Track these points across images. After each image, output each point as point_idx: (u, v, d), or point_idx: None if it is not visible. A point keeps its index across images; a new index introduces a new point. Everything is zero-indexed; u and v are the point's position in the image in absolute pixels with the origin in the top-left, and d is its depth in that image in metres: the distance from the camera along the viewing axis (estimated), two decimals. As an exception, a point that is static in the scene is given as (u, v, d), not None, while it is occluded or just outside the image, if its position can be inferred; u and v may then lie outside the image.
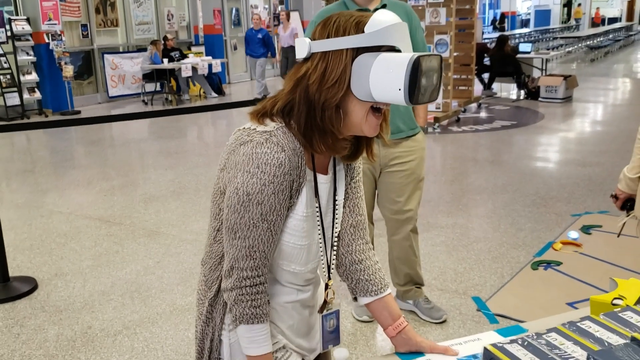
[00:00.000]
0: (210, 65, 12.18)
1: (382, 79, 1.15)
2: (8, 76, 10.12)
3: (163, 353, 2.90)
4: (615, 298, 1.37)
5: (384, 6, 2.72)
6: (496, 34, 19.01)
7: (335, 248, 1.45)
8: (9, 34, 10.19)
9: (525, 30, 26.51)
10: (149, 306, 3.38)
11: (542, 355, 1.09)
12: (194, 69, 11.77)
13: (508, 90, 11.97)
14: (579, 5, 34.40)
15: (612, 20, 33.65)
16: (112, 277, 3.78)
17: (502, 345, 1.13)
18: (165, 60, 11.68)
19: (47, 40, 10.58)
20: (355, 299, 1.51)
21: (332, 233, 1.42)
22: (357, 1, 2.73)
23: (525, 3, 35.16)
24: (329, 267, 1.44)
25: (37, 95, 10.58)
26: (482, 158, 6.79)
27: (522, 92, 11.16)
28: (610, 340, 1.13)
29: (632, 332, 1.10)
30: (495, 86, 11.85)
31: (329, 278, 1.45)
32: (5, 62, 10.10)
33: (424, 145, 2.95)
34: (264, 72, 12.05)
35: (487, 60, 11.57)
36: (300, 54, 1.24)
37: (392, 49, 1.19)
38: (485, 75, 11.66)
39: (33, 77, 10.53)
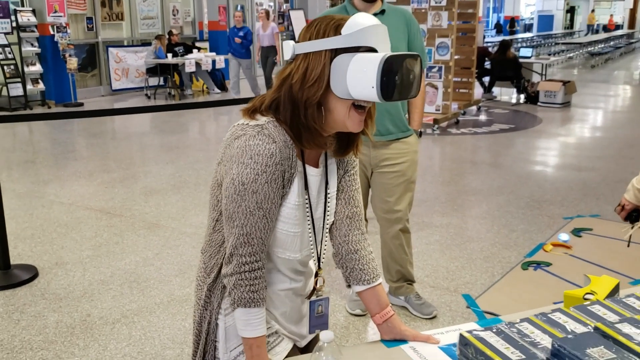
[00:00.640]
0: (213, 61, 12.23)
1: (358, 78, 1.23)
2: (12, 67, 10.18)
3: (160, 341, 2.98)
4: (587, 293, 1.46)
5: (382, 11, 2.80)
6: (499, 38, 19.08)
7: (326, 239, 1.54)
8: (14, 24, 10.26)
9: (528, 34, 26.55)
10: (147, 296, 3.46)
11: (512, 342, 1.17)
12: (198, 64, 11.84)
13: (508, 94, 12.04)
14: (593, 11, 34.52)
15: (615, 27, 33.76)
16: (111, 267, 3.86)
17: (477, 333, 1.22)
18: (169, 55, 11.75)
19: (52, 32, 10.64)
20: (348, 286, 1.59)
21: (323, 224, 1.50)
22: (357, 6, 2.80)
23: (529, 8, 35.21)
24: (319, 257, 1.52)
25: (41, 86, 10.65)
26: (479, 160, 6.87)
27: (522, 96, 11.24)
28: (577, 330, 1.21)
29: (596, 322, 1.18)
30: (495, 90, 11.92)
31: (319, 267, 1.53)
32: (9, 53, 10.17)
33: (416, 148, 3.02)
34: (252, 71, 11.78)
35: (487, 64, 11.64)
36: (286, 56, 1.34)
37: (371, 50, 1.26)
38: (486, 79, 11.74)
39: (37, 68, 10.60)
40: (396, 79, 1.22)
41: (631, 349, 1.07)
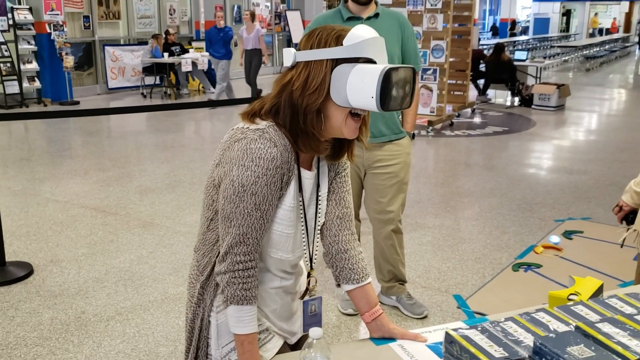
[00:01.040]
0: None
1: (358, 87, 1.28)
2: (8, 64, 10.19)
3: (154, 339, 3.01)
4: (571, 294, 1.50)
5: (376, 15, 2.83)
6: (495, 41, 19.13)
7: (317, 239, 1.57)
8: (10, 22, 10.27)
9: (523, 37, 26.64)
10: (142, 294, 3.49)
11: (496, 340, 1.20)
12: (194, 64, 11.85)
13: (502, 96, 12.10)
14: (596, 14, 34.68)
15: (610, 31, 33.93)
16: (106, 265, 3.89)
17: (462, 331, 1.25)
18: (166, 54, 11.76)
19: (48, 30, 10.65)
20: (338, 285, 1.63)
21: (315, 224, 1.54)
22: (351, 9, 2.83)
23: (525, 10, 35.30)
24: (311, 257, 1.55)
25: (37, 84, 10.66)
26: (472, 162, 6.92)
27: (516, 99, 11.30)
28: (559, 329, 1.25)
29: (577, 322, 1.22)
30: (490, 92, 11.98)
31: (311, 267, 1.57)
32: (6, 51, 10.18)
33: (408, 150, 3.06)
34: (227, 75, 10.77)
35: (482, 67, 11.69)
36: (286, 62, 1.38)
37: (369, 60, 1.31)
38: (481, 82, 11.79)
39: (33, 66, 10.61)
40: (394, 90, 1.28)
41: (610, 348, 1.10)
